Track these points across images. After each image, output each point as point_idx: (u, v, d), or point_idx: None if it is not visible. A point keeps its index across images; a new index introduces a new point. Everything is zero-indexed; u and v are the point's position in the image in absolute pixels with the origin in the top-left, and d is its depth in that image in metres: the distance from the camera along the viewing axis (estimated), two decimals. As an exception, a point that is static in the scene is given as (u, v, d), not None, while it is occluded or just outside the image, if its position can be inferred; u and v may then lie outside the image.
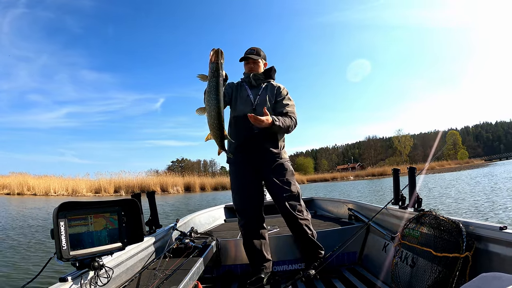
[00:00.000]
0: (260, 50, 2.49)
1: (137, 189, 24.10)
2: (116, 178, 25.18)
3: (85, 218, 1.30)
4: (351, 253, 2.65)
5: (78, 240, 1.24)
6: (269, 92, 2.40)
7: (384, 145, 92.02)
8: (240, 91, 2.45)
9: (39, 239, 5.83)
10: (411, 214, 2.05)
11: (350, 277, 2.36)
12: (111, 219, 1.43)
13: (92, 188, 23.20)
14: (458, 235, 1.55)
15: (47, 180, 22.38)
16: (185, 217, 3.13)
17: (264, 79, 2.47)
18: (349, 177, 47.44)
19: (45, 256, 4.52)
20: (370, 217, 2.62)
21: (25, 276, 3.48)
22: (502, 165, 36.93)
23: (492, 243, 1.48)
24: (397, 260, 1.93)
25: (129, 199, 1.53)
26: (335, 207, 3.81)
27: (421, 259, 1.73)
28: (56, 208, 1.16)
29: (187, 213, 3.40)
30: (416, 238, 1.86)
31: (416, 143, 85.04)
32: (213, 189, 29.42)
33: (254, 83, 2.44)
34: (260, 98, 2.38)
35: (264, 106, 2.25)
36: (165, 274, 1.68)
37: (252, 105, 2.36)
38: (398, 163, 63.29)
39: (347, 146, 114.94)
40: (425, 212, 1.90)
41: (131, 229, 1.51)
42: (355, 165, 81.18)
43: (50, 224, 1.16)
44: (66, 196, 21.34)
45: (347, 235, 2.50)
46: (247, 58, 2.44)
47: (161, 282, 1.56)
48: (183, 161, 79.30)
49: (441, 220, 1.72)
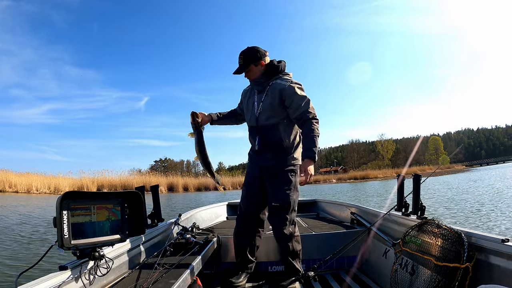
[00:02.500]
0: (249, 53, 2.18)
1: (120, 189, 23.97)
2: (99, 177, 25.28)
3: (88, 208, 1.31)
4: (351, 257, 2.64)
5: (80, 230, 1.26)
6: (271, 97, 2.17)
7: (367, 149, 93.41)
8: (249, 97, 2.34)
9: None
10: (413, 221, 2.03)
11: (349, 281, 2.36)
12: (113, 210, 1.44)
13: (74, 186, 22.99)
14: (460, 245, 1.53)
15: (29, 177, 22.16)
16: (187, 212, 3.15)
17: (266, 80, 2.23)
18: (332, 180, 47.35)
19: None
20: (372, 222, 2.61)
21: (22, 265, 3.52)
22: (483, 170, 38.81)
23: (494, 255, 1.46)
24: (397, 267, 1.92)
25: (133, 191, 1.54)
26: (338, 210, 3.79)
27: (421, 267, 1.72)
28: (60, 196, 1.18)
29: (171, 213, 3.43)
30: (417, 245, 1.84)
31: (399, 147, 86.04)
32: (196, 190, 29.27)
33: (259, 88, 2.27)
34: (262, 106, 2.21)
35: (267, 114, 2.18)
36: (164, 268, 1.69)
37: (255, 114, 2.25)
38: (381, 167, 63.82)
39: (330, 149, 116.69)
40: (428, 220, 1.88)
41: (133, 222, 1.52)
42: (338, 168, 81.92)
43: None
44: (48, 194, 21.13)
45: (348, 239, 2.49)
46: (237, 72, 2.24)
47: (160, 276, 1.57)
48: (166, 161, 79.49)
49: (443, 229, 1.70)
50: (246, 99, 2.38)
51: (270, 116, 2.19)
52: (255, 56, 2.17)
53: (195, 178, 32.81)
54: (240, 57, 2.18)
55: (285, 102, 2.13)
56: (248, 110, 2.33)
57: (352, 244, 2.37)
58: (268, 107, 2.18)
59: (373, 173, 50.11)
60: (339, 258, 2.53)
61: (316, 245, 2.60)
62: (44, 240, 5.39)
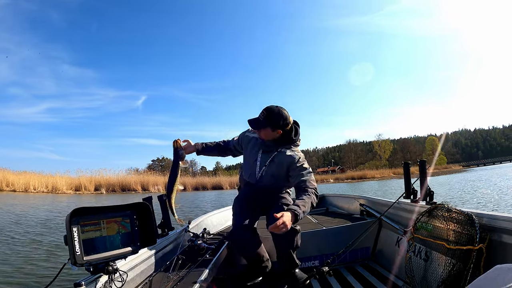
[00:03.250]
0: (274, 117, 2.07)
1: (118, 188, 24.14)
2: (96, 176, 25.03)
3: (98, 223, 1.32)
4: (364, 249, 2.63)
5: (91, 245, 1.26)
6: (277, 166, 2.14)
7: (364, 149, 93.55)
8: (252, 149, 2.27)
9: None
10: (423, 207, 2.03)
11: (364, 273, 2.35)
12: (123, 223, 1.44)
13: (72, 185, 22.96)
14: (471, 227, 1.53)
15: (26, 176, 21.94)
16: (197, 218, 3.16)
17: (275, 146, 2.17)
18: (329, 179, 47.43)
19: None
20: (382, 212, 2.60)
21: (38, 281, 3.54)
22: (480, 170, 39.10)
23: (506, 234, 1.45)
24: (411, 254, 1.91)
25: (141, 202, 1.55)
26: (346, 203, 3.78)
27: (435, 252, 1.71)
28: (69, 214, 1.19)
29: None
30: (429, 231, 1.83)
31: (396, 148, 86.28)
32: (193, 189, 29.20)
33: (266, 149, 2.20)
34: (266, 170, 2.18)
35: (270, 180, 2.18)
36: (178, 276, 1.70)
37: (256, 176, 2.23)
38: (378, 167, 64.22)
39: (327, 149, 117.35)
40: (437, 205, 1.88)
41: (144, 232, 1.52)
42: (335, 168, 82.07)
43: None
44: (46, 193, 20.91)
45: (359, 231, 2.48)
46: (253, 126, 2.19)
47: (175, 284, 1.58)
48: (164, 160, 79.21)
49: (454, 213, 1.70)
50: (249, 148, 2.31)
51: (272, 182, 2.20)
52: (277, 123, 2.08)
53: (193, 177, 33.01)
54: (263, 113, 2.08)
55: (290, 172, 2.11)
56: (248, 164, 2.30)
57: (364, 236, 2.37)
58: (271, 174, 2.17)
59: (370, 173, 49.85)
60: (352, 251, 2.52)
61: (328, 240, 2.60)
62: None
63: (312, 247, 2.58)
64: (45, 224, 7.36)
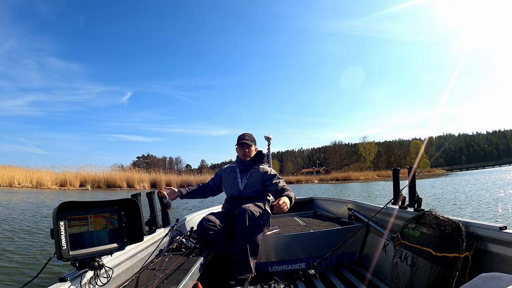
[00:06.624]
0: (253, 136, 2.92)
1: (103, 184, 23.88)
2: (82, 172, 24.78)
3: (85, 218, 1.29)
4: (351, 253, 2.65)
5: (78, 240, 1.24)
6: (255, 178, 2.75)
7: (349, 151, 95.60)
8: (230, 173, 2.90)
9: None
10: (411, 214, 2.05)
11: (350, 277, 2.36)
12: (111, 219, 1.42)
13: (57, 181, 22.58)
14: (458, 235, 1.55)
15: (11, 170, 21.45)
16: (184, 217, 3.13)
17: (252, 164, 2.84)
18: (314, 180, 47.97)
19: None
20: (370, 217, 2.62)
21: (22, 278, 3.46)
22: (462, 174, 39.80)
23: (492, 243, 1.48)
24: (397, 260, 1.93)
25: (129, 199, 1.52)
26: (335, 207, 3.81)
27: (421, 259, 1.73)
28: (56, 208, 1.16)
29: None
30: (416, 238, 1.86)
31: (381, 150, 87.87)
32: (179, 186, 28.77)
33: (243, 168, 2.84)
34: (247, 182, 2.75)
35: (250, 188, 2.72)
36: (165, 274, 1.68)
37: (240, 188, 2.75)
38: (362, 169, 65.31)
39: (312, 150, 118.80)
40: (425, 212, 1.90)
41: (131, 229, 1.50)
42: (320, 169, 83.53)
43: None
44: (30, 188, 20.49)
45: (347, 235, 2.50)
46: (242, 144, 2.83)
47: (161, 282, 1.56)
48: (149, 157, 78.96)
49: (441, 220, 1.72)
50: (226, 174, 2.93)
51: (252, 191, 2.72)
52: (254, 141, 2.92)
53: (178, 175, 32.64)
54: (249, 136, 2.89)
55: (267, 182, 2.73)
56: (229, 183, 2.84)
57: (351, 240, 2.38)
58: (251, 184, 2.74)
59: (354, 175, 50.45)
60: (339, 255, 2.54)
61: (315, 243, 2.61)
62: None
63: (299, 250, 2.58)
64: (33, 218, 7.22)
